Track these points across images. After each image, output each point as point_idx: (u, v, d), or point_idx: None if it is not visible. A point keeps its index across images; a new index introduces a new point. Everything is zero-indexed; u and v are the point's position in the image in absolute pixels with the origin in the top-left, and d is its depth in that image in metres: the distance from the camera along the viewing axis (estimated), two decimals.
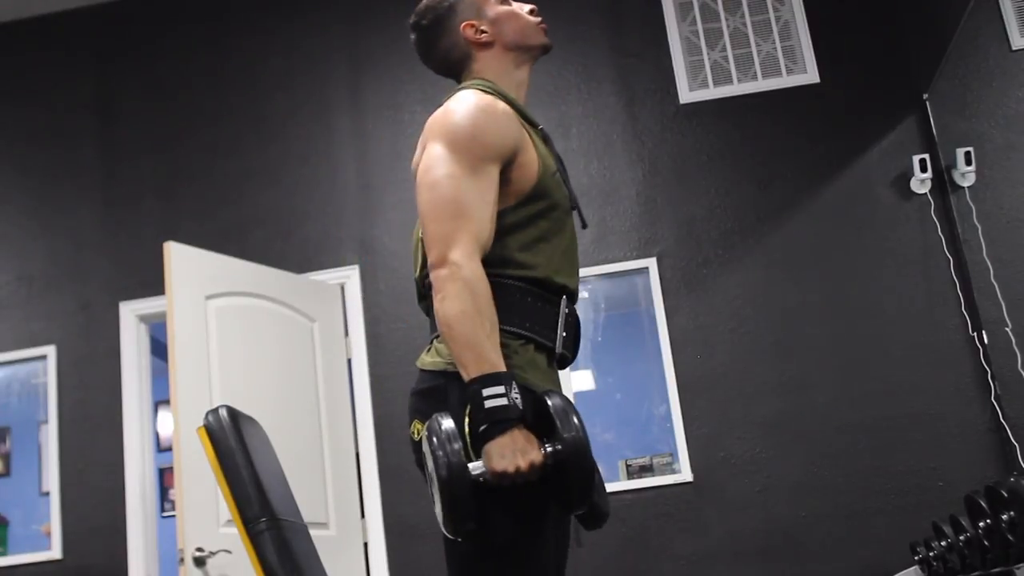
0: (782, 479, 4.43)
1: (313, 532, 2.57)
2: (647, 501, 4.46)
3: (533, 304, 1.84)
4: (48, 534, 4.74)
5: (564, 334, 1.88)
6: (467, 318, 1.70)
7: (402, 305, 4.79)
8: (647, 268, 4.73)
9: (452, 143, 1.84)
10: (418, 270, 2.02)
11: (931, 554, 3.68)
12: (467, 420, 1.72)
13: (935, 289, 4.59)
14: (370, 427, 4.66)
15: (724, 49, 5.00)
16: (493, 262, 1.80)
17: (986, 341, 4.46)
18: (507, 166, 1.86)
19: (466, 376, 1.70)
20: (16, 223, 5.18)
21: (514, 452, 1.62)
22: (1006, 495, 2.95)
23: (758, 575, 4.33)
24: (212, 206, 5.03)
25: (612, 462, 4.65)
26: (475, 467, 1.64)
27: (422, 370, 1.95)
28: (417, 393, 1.94)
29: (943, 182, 4.69)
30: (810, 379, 4.53)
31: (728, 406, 4.53)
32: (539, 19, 2.09)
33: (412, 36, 2.13)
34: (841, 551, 4.28)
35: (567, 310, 1.90)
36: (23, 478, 5.46)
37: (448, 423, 1.66)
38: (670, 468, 4.55)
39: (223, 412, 2.37)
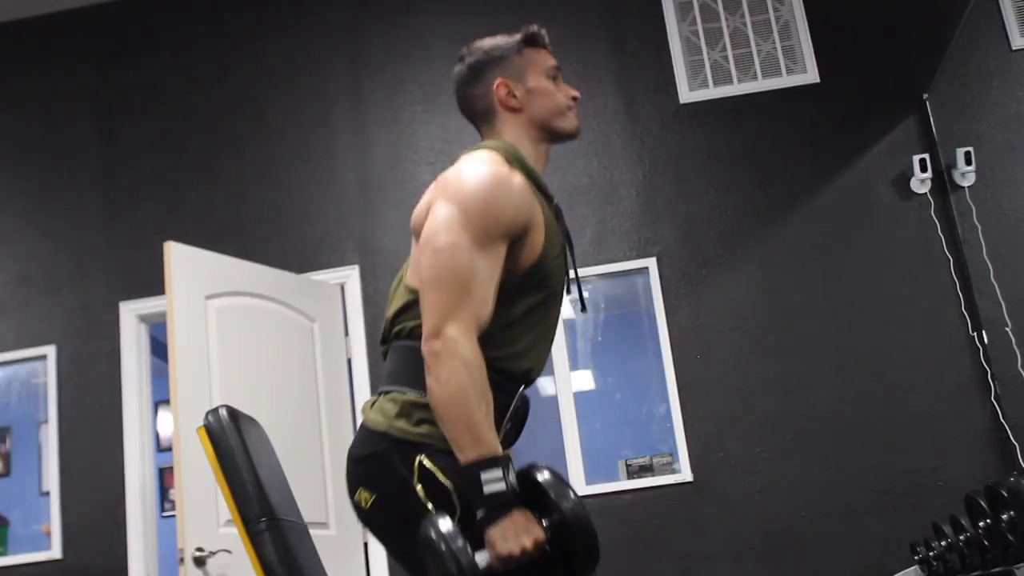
0: (782, 479, 4.43)
1: (313, 532, 2.57)
2: (647, 501, 4.46)
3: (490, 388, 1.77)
4: (48, 534, 4.74)
5: (509, 425, 1.84)
6: (463, 399, 1.66)
7: None
8: (647, 268, 4.73)
9: (464, 212, 1.78)
10: (391, 313, 1.94)
11: (931, 554, 3.68)
12: (418, 486, 1.71)
13: (935, 289, 4.59)
14: None
15: (724, 49, 5.00)
16: None
17: (986, 341, 4.46)
18: (513, 242, 1.82)
19: (462, 458, 1.66)
20: (16, 223, 5.18)
21: (517, 533, 1.61)
22: (1006, 495, 2.95)
23: (758, 575, 4.34)
24: (212, 206, 5.03)
25: (612, 462, 4.65)
26: (479, 559, 1.61)
27: (363, 426, 1.88)
28: (360, 460, 1.85)
29: (943, 182, 4.69)
30: (810, 379, 4.53)
31: (728, 406, 4.53)
32: (574, 107, 2.07)
33: (455, 67, 2.10)
34: (841, 551, 4.28)
35: (519, 402, 1.86)
36: (23, 478, 5.46)
37: (445, 524, 1.62)
38: (670, 468, 4.55)
39: (223, 412, 2.37)
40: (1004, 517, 2.96)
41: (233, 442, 2.32)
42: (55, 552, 4.68)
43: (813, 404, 4.49)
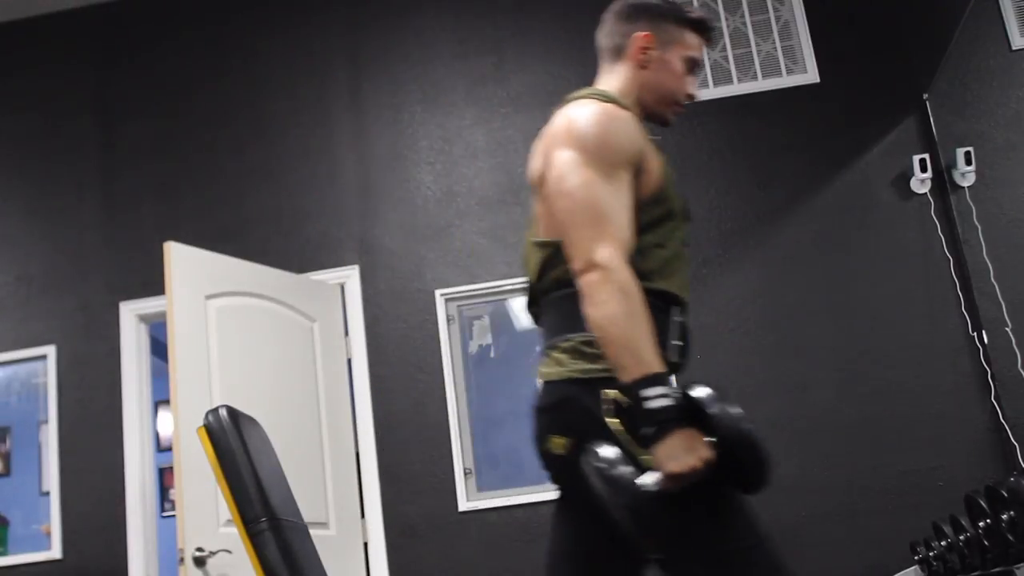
0: (782, 479, 4.39)
1: (313, 532, 2.57)
2: None
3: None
4: (48, 534, 4.74)
5: (679, 343, 1.88)
6: (623, 320, 1.68)
7: (402, 305, 4.80)
8: None
9: (584, 149, 1.82)
10: (534, 276, 1.97)
11: (931, 554, 3.68)
12: (613, 420, 1.71)
13: (935, 289, 4.59)
14: (370, 427, 4.66)
15: (724, 49, 5.00)
16: None
17: (986, 341, 4.46)
18: (635, 169, 1.85)
19: (624, 379, 1.68)
20: (16, 223, 5.18)
21: (685, 451, 1.61)
22: (1006, 495, 2.95)
23: None
24: (212, 206, 5.03)
25: None
26: (648, 480, 1.62)
27: (546, 382, 1.89)
28: (548, 408, 1.87)
29: (943, 182, 4.69)
30: (810, 379, 4.53)
31: None
32: (682, 104, 2.07)
33: None
34: (841, 551, 4.28)
35: (680, 319, 1.90)
36: (23, 478, 5.45)
37: (606, 450, 1.64)
38: None
39: (223, 412, 2.37)
40: (1004, 517, 2.97)
41: (233, 442, 2.33)
42: (55, 552, 4.68)
43: (813, 404, 4.49)
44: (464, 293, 4.80)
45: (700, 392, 1.67)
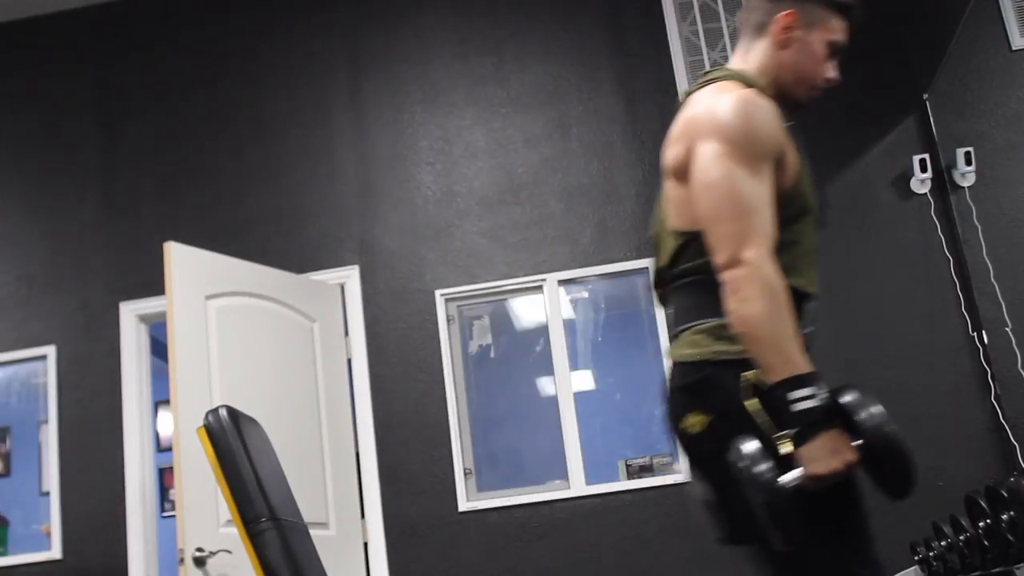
0: None
1: (313, 532, 2.57)
2: (647, 501, 4.46)
3: None
4: (48, 534, 4.74)
5: (811, 329, 1.87)
6: (770, 319, 1.67)
7: (402, 305, 4.80)
8: (647, 268, 4.73)
9: (728, 141, 1.80)
10: (666, 260, 1.97)
11: (931, 554, 3.68)
12: (751, 401, 1.71)
13: (935, 289, 4.59)
14: (370, 427, 4.66)
15: (724, 49, 4.99)
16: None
17: (986, 341, 4.46)
18: (776, 161, 1.84)
19: (771, 378, 1.67)
20: (16, 223, 5.18)
21: (829, 454, 1.62)
22: (1006, 495, 2.95)
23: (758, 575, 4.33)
24: (212, 206, 5.03)
25: (612, 462, 4.65)
26: (788, 478, 1.63)
27: (681, 363, 1.89)
28: (685, 388, 1.86)
29: (943, 182, 4.69)
30: None
31: None
32: (819, 87, 2.07)
33: None
34: None
35: (809, 321, 1.89)
36: (23, 478, 5.46)
37: (749, 445, 1.64)
38: (670, 468, 4.55)
39: (223, 412, 2.37)
40: (1004, 517, 2.97)
41: (233, 442, 2.33)
42: (55, 552, 4.68)
43: None
44: (464, 293, 4.80)
45: (848, 396, 1.68)
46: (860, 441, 1.64)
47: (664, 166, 2.01)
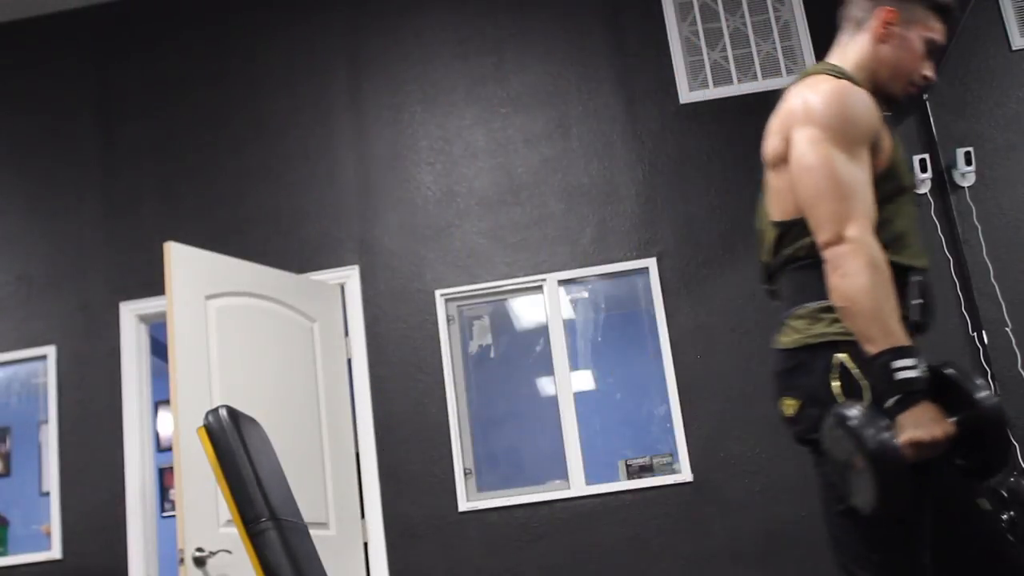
0: (782, 479, 4.42)
1: (313, 532, 2.57)
2: (647, 501, 4.47)
3: None
4: (48, 534, 4.74)
5: (920, 301, 1.92)
6: (872, 292, 1.76)
7: (402, 305, 4.80)
8: (647, 268, 4.73)
9: (826, 127, 1.89)
10: (770, 254, 2.10)
11: None
12: (836, 383, 1.82)
13: (935, 289, 4.58)
14: (370, 427, 4.66)
15: (724, 49, 5.00)
16: None
17: (986, 341, 4.46)
18: (872, 145, 1.92)
19: (872, 349, 1.75)
20: (16, 223, 5.18)
21: (929, 423, 1.68)
22: (1006, 495, 2.95)
23: (758, 575, 4.33)
24: (212, 206, 5.03)
25: (612, 462, 4.65)
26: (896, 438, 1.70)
27: (779, 350, 2.00)
28: (782, 372, 1.98)
29: (943, 182, 4.69)
30: None
31: (728, 406, 4.53)
32: (916, 84, 2.12)
33: None
34: None
35: (919, 278, 1.95)
36: (23, 478, 5.46)
37: (855, 409, 1.71)
38: (670, 468, 4.55)
39: (223, 412, 2.37)
40: (1004, 517, 2.96)
41: (233, 442, 2.33)
42: (55, 552, 4.68)
43: None
44: (464, 293, 4.80)
45: (951, 370, 1.76)
46: (966, 415, 1.71)
47: (764, 158, 2.11)
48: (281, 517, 2.30)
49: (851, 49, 2.09)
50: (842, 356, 1.83)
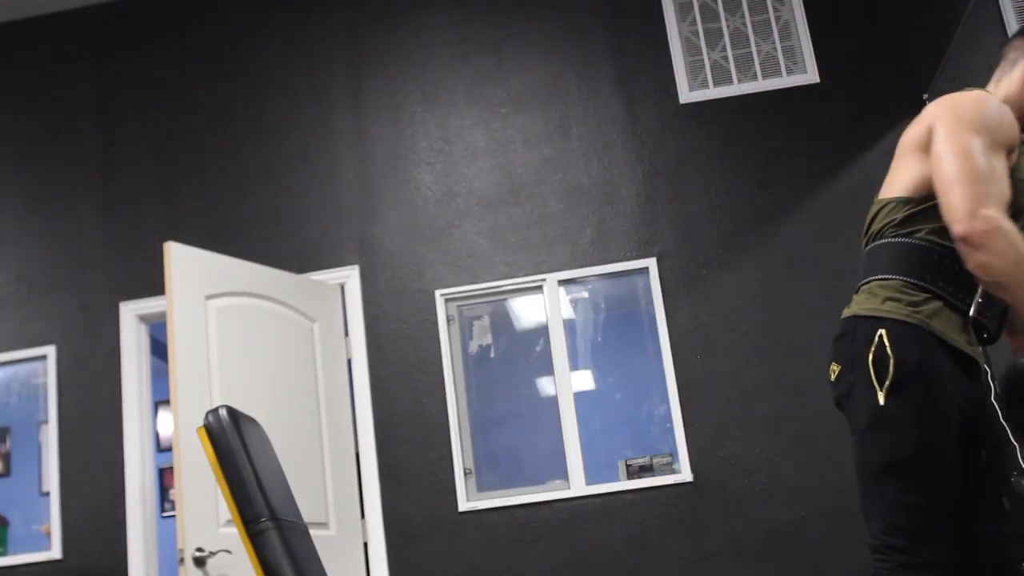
0: (782, 479, 4.43)
1: (313, 532, 2.57)
2: (647, 501, 4.47)
3: (951, 267, 2.06)
4: (48, 534, 4.74)
5: (980, 300, 2.05)
6: (1021, 265, 1.93)
7: (402, 305, 4.80)
8: (647, 268, 4.73)
9: (972, 123, 2.06)
10: (883, 221, 2.23)
11: None
12: (870, 354, 2.00)
13: None
14: (370, 427, 4.66)
15: (724, 49, 5.00)
16: (934, 230, 2.07)
17: None
18: (1006, 152, 2.08)
19: None
20: (16, 223, 5.18)
21: None
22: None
23: (758, 575, 4.33)
24: (212, 206, 5.03)
25: (612, 462, 4.65)
26: None
27: (842, 319, 2.21)
28: (836, 337, 2.19)
29: None
30: (810, 379, 4.52)
31: (728, 406, 4.53)
32: None
33: None
34: (841, 551, 4.28)
35: None
36: (23, 478, 5.46)
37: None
38: (670, 468, 4.55)
39: (223, 412, 2.37)
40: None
41: (233, 442, 2.33)
42: (55, 552, 4.68)
43: (813, 404, 4.48)
44: (464, 293, 4.81)
45: None
46: None
47: (900, 144, 2.23)
48: (281, 517, 2.30)
49: (1003, 84, 2.28)
50: (883, 331, 2.00)
